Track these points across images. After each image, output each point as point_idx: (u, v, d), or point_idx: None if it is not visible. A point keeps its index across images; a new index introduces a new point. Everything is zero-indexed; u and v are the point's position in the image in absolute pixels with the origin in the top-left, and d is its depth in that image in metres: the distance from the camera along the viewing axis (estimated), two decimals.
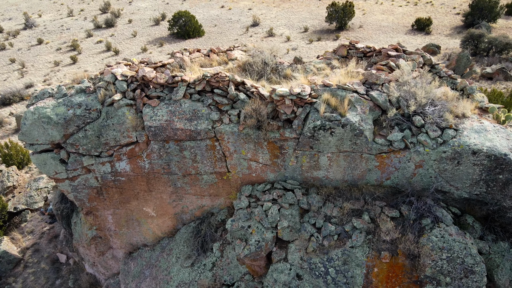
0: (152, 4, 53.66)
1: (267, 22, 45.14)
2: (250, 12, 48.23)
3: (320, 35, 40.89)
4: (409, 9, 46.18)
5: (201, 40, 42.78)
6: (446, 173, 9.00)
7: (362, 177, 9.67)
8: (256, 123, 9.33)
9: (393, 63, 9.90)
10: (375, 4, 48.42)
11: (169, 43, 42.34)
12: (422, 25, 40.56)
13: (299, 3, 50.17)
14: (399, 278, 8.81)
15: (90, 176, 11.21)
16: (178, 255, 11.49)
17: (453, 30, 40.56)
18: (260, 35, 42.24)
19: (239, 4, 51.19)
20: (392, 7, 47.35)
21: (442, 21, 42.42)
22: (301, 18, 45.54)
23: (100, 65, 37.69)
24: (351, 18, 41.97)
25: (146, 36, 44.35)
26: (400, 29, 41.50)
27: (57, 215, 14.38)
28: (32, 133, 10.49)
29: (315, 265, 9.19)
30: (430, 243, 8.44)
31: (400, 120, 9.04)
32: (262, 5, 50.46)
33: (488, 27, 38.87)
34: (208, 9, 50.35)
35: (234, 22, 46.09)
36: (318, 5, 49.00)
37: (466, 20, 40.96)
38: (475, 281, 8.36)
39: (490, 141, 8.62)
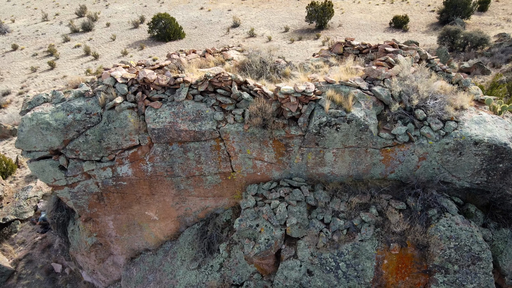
0: (130, 7, 52.95)
1: (248, 23, 45.23)
2: (230, 13, 48.21)
3: (301, 35, 41.25)
4: (386, 8, 47.12)
5: (182, 42, 42.50)
6: (448, 164, 9.26)
7: (366, 171, 9.84)
8: (261, 121, 9.37)
9: (392, 58, 10.12)
10: (353, 3, 49.21)
11: (150, 46, 41.90)
12: (399, 22, 41.46)
13: (278, 4, 50.48)
14: (409, 268, 9.01)
15: (91, 181, 11.00)
16: (183, 257, 11.41)
17: (429, 27, 41.62)
18: (241, 36, 42.29)
19: (218, 6, 51.11)
20: (369, 5, 48.22)
21: (418, 19, 43.48)
22: (281, 18, 45.83)
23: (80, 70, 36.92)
24: (330, 17, 42.53)
25: (126, 39, 43.72)
26: (378, 27, 42.30)
27: (52, 224, 14.03)
28: (30, 140, 10.22)
29: (326, 260, 9.30)
30: (438, 232, 8.67)
31: (402, 114, 9.25)
32: (241, 6, 50.51)
33: (462, 23, 40.09)
34: (187, 11, 50.06)
35: (214, 23, 45.99)
36: (297, 5, 49.42)
37: (441, 17, 42.11)
38: (482, 268, 8.64)
39: (490, 131, 8.92)
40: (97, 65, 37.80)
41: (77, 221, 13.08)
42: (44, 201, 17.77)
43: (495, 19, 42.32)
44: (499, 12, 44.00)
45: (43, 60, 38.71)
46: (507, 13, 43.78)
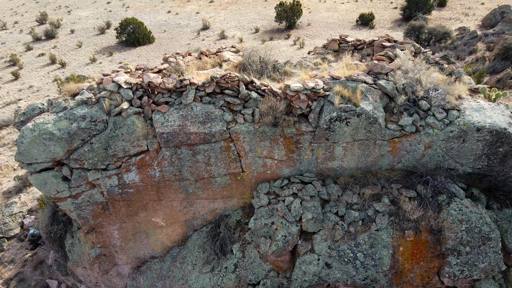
0: (94, 12, 51.52)
1: (217, 25, 45.12)
2: (198, 16, 47.91)
3: (271, 35, 41.59)
4: (351, 6, 48.34)
5: (152, 47, 41.86)
6: (452, 151, 9.71)
7: (375, 163, 10.15)
8: (273, 120, 9.47)
9: (391, 53, 10.48)
10: (319, 2, 50.15)
11: (119, 52, 40.97)
12: (365, 20, 42.65)
13: (246, 5, 50.66)
14: (423, 253, 9.38)
15: (95, 191, 10.70)
16: (194, 262, 11.31)
17: (394, 23, 43.07)
18: (212, 38, 42.15)
19: (186, 9, 50.69)
20: (335, 4, 49.31)
21: (382, 16, 44.90)
22: (250, 19, 46.03)
23: (47, 79, 35.61)
24: (299, 16, 43.14)
25: (93, 46, 42.54)
26: (346, 25, 43.34)
27: (48, 238, 13.49)
28: (31, 152, 9.83)
29: (344, 252, 9.51)
30: (450, 216, 9.09)
31: (407, 106, 9.61)
32: (209, 8, 50.33)
33: (425, 19, 41.80)
34: (154, 15, 49.32)
35: (183, 26, 45.57)
36: (265, 5, 49.80)
37: (404, 13, 43.68)
38: (491, 247, 9.13)
39: (490, 117, 9.45)
40: (65, 74, 36.57)
41: (76, 233, 12.66)
42: (31, 217, 17.05)
43: (454, 13, 44.39)
44: (457, 7, 46.19)
45: (6, 71, 37.03)
46: (464, 7, 46.02)
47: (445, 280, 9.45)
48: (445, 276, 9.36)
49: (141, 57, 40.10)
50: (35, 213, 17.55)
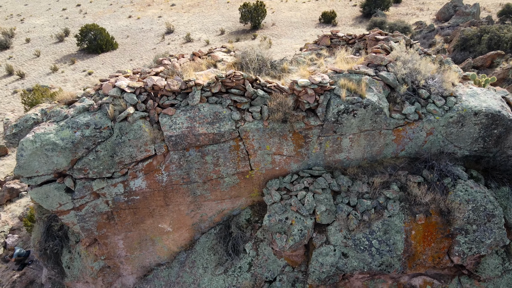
0: (49, 20, 49.47)
1: (182, 28, 44.69)
2: (161, 19, 47.22)
3: (238, 36, 41.72)
4: (313, 5, 49.35)
5: (116, 53, 40.84)
6: (452, 136, 10.22)
7: (380, 152, 10.48)
8: (282, 116, 9.56)
9: (386, 45, 10.87)
10: (281, 2, 50.81)
11: (82, 60, 39.68)
12: (328, 18, 43.73)
13: (208, 7, 50.45)
14: (434, 235, 9.80)
15: (99, 201, 10.34)
16: (205, 265, 11.18)
17: (355, 20, 44.43)
18: (178, 41, 41.71)
19: (147, 13, 49.76)
20: (296, 4, 50.14)
21: (343, 13, 46.18)
22: (214, 21, 45.90)
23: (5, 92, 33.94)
24: (263, 17, 43.54)
25: (52, 54, 40.89)
26: (309, 23, 44.22)
27: (41, 256, 12.84)
28: (32, 165, 9.36)
29: (359, 240, 9.76)
30: (458, 198, 9.56)
31: (408, 95, 10.01)
32: (171, 11, 49.69)
33: (384, 15, 43.40)
34: (114, 20, 48.05)
35: (146, 31, 44.76)
36: (228, 7, 49.83)
37: (364, 10, 45.17)
38: (496, 223, 9.69)
39: (485, 102, 10.02)
40: (25, 85, 34.94)
41: (75, 247, 12.15)
42: (14, 236, 16.15)
43: (409, 9, 46.41)
44: (412, 3, 48.32)
45: None
46: (418, 2, 48.22)
47: (454, 258, 9.92)
48: (455, 255, 9.83)
49: (105, 64, 39.02)
50: (18, 232, 16.64)
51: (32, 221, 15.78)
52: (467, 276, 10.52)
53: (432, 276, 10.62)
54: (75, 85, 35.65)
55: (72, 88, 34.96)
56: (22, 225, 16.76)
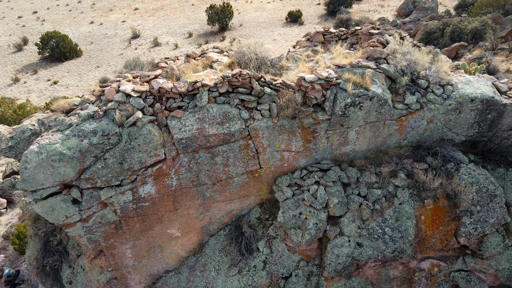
0: (4, 28, 47.16)
1: (148, 32, 43.91)
2: (125, 24, 46.17)
3: (206, 38, 41.52)
4: (278, 4, 49.87)
5: (81, 60, 39.63)
6: (450, 123, 10.69)
7: (383, 143, 10.79)
8: (293, 112, 9.65)
9: (382, 39, 11.21)
10: (246, 3, 50.98)
11: (45, 68, 38.19)
12: (294, 17, 44.38)
13: (173, 10, 49.81)
14: (441, 218, 10.21)
15: (107, 210, 10.02)
16: (217, 267, 11.09)
17: (320, 18, 45.34)
18: (145, 46, 40.98)
19: (110, 18, 48.47)
20: (262, 4, 50.48)
21: (309, 12, 46.99)
22: (181, 24, 45.41)
23: None
24: (231, 18, 43.54)
25: (12, 64, 39.08)
26: (276, 23, 44.66)
27: (39, 274, 12.26)
28: (37, 177, 8.94)
29: (373, 229, 10.01)
30: (463, 181, 10.01)
31: (408, 86, 10.38)
32: (135, 16, 48.66)
33: (348, 12, 44.55)
34: (76, 26, 46.49)
35: (111, 36, 43.65)
36: (193, 9, 49.42)
37: (328, 8, 46.20)
38: (497, 203, 10.23)
39: (478, 88, 10.57)
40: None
41: (78, 261, 11.70)
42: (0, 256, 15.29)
43: (371, 6, 47.90)
44: (373, 0, 49.86)
45: None
46: None
47: (461, 239, 10.38)
48: (462, 236, 10.29)
49: (71, 72, 37.76)
50: (3, 251, 15.78)
51: (20, 239, 15.04)
52: (471, 256, 11.03)
53: (438, 259, 11.05)
54: (40, 96, 34.24)
55: (38, 99, 33.56)
56: (7, 244, 15.91)
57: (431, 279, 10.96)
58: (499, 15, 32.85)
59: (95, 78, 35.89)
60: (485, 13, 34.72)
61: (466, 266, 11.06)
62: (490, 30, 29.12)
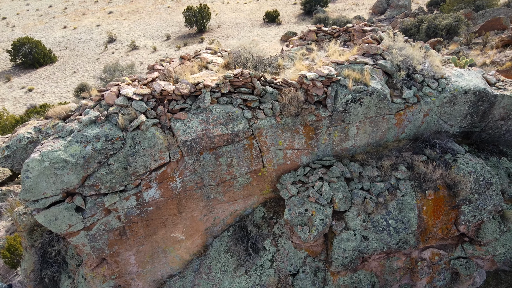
0: None
1: (124, 36, 43.21)
2: (100, 28, 45.26)
3: (185, 40, 41.20)
4: (254, 5, 49.97)
5: (56, 66, 38.63)
6: (445, 115, 11.01)
7: (382, 137, 11.01)
8: (296, 110, 9.73)
9: (376, 35, 11.43)
10: (223, 4, 50.86)
11: (18, 76, 37.03)
12: (272, 17, 44.58)
13: (149, 13, 49.16)
14: (442, 208, 10.50)
15: (111, 217, 9.82)
16: (223, 268, 11.04)
17: (298, 18, 45.72)
18: (122, 50, 40.31)
19: (84, 22, 47.42)
20: (238, 5, 50.47)
21: (286, 12, 47.31)
22: (157, 27, 44.88)
23: None
24: (208, 20, 43.33)
25: None
26: (254, 23, 44.76)
27: (37, 287, 11.89)
28: (39, 187, 8.68)
29: (378, 222, 10.20)
30: (461, 171, 10.34)
31: (405, 80, 10.63)
32: (109, 19, 47.77)
33: (324, 12, 45.12)
34: (48, 32, 45.26)
35: (86, 41, 42.72)
36: (169, 12, 48.93)
37: (305, 8, 46.63)
38: (493, 190, 10.61)
39: (471, 81, 10.93)
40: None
41: (79, 271, 11.41)
42: None
43: (346, 5, 48.67)
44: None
45: None
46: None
47: (461, 227, 10.71)
48: (462, 224, 10.62)
49: (46, 79, 36.78)
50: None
51: (11, 252, 14.53)
52: (469, 243, 11.40)
53: (438, 247, 11.36)
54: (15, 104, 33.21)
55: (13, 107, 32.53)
56: None
57: (432, 267, 11.25)
58: (471, 10, 34.02)
59: (73, 84, 35.06)
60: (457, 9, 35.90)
61: (465, 253, 11.41)
62: (463, 25, 30.12)
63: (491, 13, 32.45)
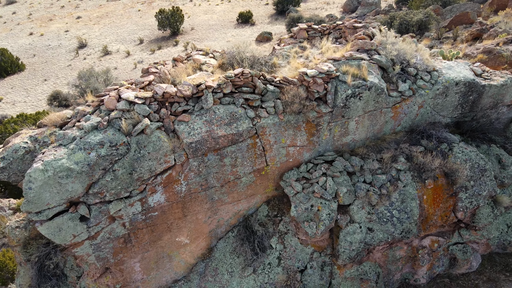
0: None
1: (95, 41, 42.18)
2: (69, 34, 44.01)
3: (159, 44, 40.68)
4: (226, 6, 49.90)
5: (25, 75, 37.32)
6: (438, 106, 11.38)
7: (380, 130, 11.26)
8: (299, 107, 9.81)
9: (368, 32, 11.67)
10: (194, 6, 50.50)
11: None
12: (245, 18, 44.65)
13: (119, 17, 48.19)
14: (441, 196, 10.85)
15: (116, 224, 9.59)
16: (230, 269, 10.98)
17: (271, 18, 45.98)
18: (95, 55, 39.35)
19: (51, 28, 45.97)
20: (210, 6, 50.26)
21: (258, 12, 47.49)
22: (129, 31, 44.08)
23: None
24: (182, 22, 42.93)
25: None
26: (228, 24, 44.69)
27: None
28: (43, 197, 8.38)
29: (382, 213, 10.42)
30: (458, 159, 10.71)
31: (399, 74, 10.92)
32: (78, 25, 46.51)
33: (296, 11, 45.57)
34: (14, 39, 43.61)
35: (55, 47, 41.46)
36: (140, 15, 48.14)
37: (277, 8, 46.96)
38: (487, 176, 11.05)
39: (460, 72, 11.35)
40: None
41: (80, 282, 11.03)
42: None
43: (318, 4, 49.36)
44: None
45: None
46: None
47: (458, 214, 11.09)
48: (459, 211, 11.00)
49: (16, 88, 35.49)
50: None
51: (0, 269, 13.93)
52: (465, 229, 11.81)
53: (437, 235, 11.71)
54: None
55: None
56: None
57: (432, 254, 11.60)
58: (439, 6, 35.25)
59: (44, 93, 33.94)
60: (425, 6, 37.12)
61: (461, 239, 11.83)
62: (434, 21, 31.17)
63: (458, 8, 33.74)
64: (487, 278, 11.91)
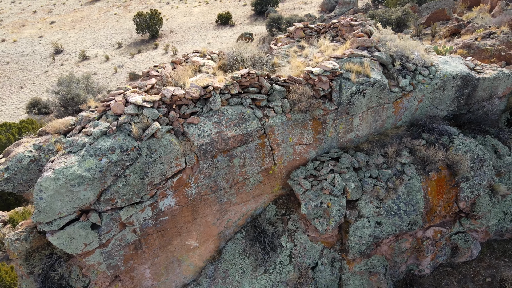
0: None
1: (71, 46, 41.21)
2: (44, 39, 42.84)
3: (138, 47, 40.11)
4: (204, 8, 49.66)
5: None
6: (436, 100, 11.69)
7: (382, 125, 11.47)
8: (306, 105, 9.88)
9: (366, 29, 11.87)
10: (172, 9, 50.03)
11: None
12: (224, 19, 44.56)
13: (95, 21, 47.21)
14: (444, 187, 11.13)
15: (126, 231, 9.41)
16: (241, 270, 10.95)
17: (250, 19, 46.05)
18: (72, 61, 38.47)
19: (24, 34, 44.61)
20: (188, 9, 49.91)
21: (237, 13, 47.47)
22: (106, 35, 43.26)
23: None
24: (160, 25, 42.45)
25: None
26: (207, 26, 44.49)
27: None
28: (54, 206, 8.14)
29: (390, 207, 10.61)
30: (459, 151, 11.02)
31: (399, 70, 11.15)
32: (53, 30, 45.32)
33: (275, 11, 45.81)
34: None
35: (30, 54, 40.28)
36: (117, 19, 47.32)
37: (256, 8, 47.09)
38: (486, 166, 11.42)
39: (456, 67, 11.69)
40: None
41: None
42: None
43: (295, 4, 49.77)
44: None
45: None
46: None
47: (461, 204, 11.41)
48: (461, 201, 11.32)
49: None
50: None
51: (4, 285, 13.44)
52: (465, 218, 12.16)
53: (439, 225, 12.01)
54: None
55: None
56: None
57: (435, 244, 11.88)
58: (415, 4, 36.15)
59: (22, 101, 32.93)
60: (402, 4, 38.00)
61: (462, 228, 12.17)
62: (412, 18, 31.93)
63: (434, 5, 34.72)
64: (487, 264, 12.31)
